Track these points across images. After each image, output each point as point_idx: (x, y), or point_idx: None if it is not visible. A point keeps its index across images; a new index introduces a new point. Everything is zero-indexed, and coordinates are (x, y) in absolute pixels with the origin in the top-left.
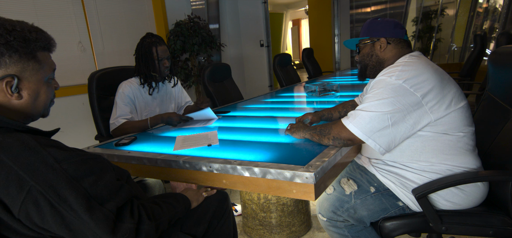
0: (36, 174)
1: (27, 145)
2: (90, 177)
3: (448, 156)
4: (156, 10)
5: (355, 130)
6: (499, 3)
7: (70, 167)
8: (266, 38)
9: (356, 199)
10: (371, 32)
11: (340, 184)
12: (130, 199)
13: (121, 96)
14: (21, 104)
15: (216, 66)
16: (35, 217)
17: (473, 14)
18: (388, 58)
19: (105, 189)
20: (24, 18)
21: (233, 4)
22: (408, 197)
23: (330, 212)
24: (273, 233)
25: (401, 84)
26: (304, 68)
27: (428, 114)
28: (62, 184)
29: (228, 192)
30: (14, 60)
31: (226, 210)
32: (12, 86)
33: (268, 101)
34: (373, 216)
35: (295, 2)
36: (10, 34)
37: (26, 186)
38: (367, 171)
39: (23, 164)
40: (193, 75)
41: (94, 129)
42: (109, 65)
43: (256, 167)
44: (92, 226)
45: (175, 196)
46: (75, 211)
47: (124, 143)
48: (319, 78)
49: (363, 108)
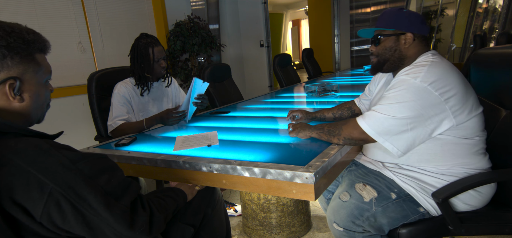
0: (55, 176)
1: (41, 148)
2: (104, 175)
3: (465, 159)
4: (156, 11)
5: (370, 131)
6: (499, 3)
7: (85, 166)
8: (266, 38)
9: (377, 206)
10: (397, 24)
11: (357, 190)
12: (139, 194)
13: (116, 97)
14: (22, 108)
15: (216, 67)
16: (57, 219)
17: (473, 14)
18: (410, 56)
19: (118, 186)
20: (24, 19)
21: (233, 4)
22: (429, 202)
23: (348, 221)
24: (273, 233)
25: (426, 87)
26: (304, 69)
27: (451, 119)
28: (80, 184)
29: (228, 192)
30: (15, 62)
31: (217, 200)
32: (15, 89)
33: (268, 101)
34: (393, 224)
35: (295, 2)
36: (10, 36)
37: (47, 189)
38: (384, 175)
39: (41, 168)
40: (193, 75)
41: (94, 129)
42: (109, 65)
43: (256, 167)
44: (111, 222)
45: (173, 190)
46: (94, 209)
47: (124, 143)
48: (319, 79)
49: (381, 110)
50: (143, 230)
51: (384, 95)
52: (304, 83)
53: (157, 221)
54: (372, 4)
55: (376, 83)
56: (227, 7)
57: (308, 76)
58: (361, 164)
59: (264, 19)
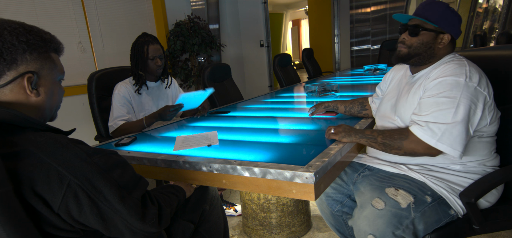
0: (73, 169)
1: (60, 142)
2: (117, 169)
3: (485, 157)
4: (156, 11)
5: (444, 147)
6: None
7: (100, 160)
8: (266, 38)
9: (416, 212)
10: (442, 22)
11: (390, 196)
12: (146, 189)
13: (117, 97)
14: (38, 102)
15: (216, 67)
16: (73, 210)
17: (473, 14)
18: (439, 56)
19: (130, 180)
20: (24, 19)
21: (233, 4)
22: (458, 203)
23: (388, 232)
24: (273, 233)
25: (475, 86)
26: (304, 69)
27: (486, 118)
28: (96, 176)
29: (228, 192)
30: (33, 58)
31: (214, 197)
32: (32, 83)
33: (268, 101)
34: (427, 229)
35: (295, 2)
36: (30, 33)
37: (66, 181)
38: (412, 178)
39: (60, 160)
40: (193, 75)
41: (94, 129)
42: (109, 65)
43: (256, 167)
44: (125, 214)
45: (173, 187)
46: (109, 202)
47: (124, 143)
48: (319, 79)
49: (441, 119)
50: (153, 222)
51: (430, 101)
52: (304, 83)
53: (165, 214)
54: (372, 4)
55: (387, 82)
56: (227, 7)
57: (308, 76)
58: (376, 168)
59: (264, 19)
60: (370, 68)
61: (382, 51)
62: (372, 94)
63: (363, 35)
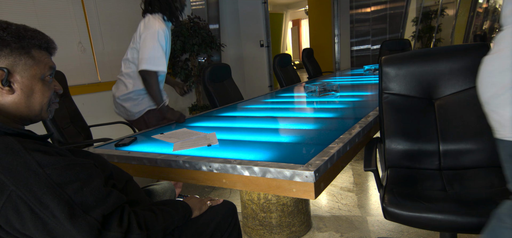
0: (17, 179)
1: (11, 148)
2: (75, 183)
3: None
4: None
5: None
6: (499, 3)
7: (54, 172)
8: (266, 38)
9: None
10: None
11: None
12: (121, 206)
13: (162, 40)
14: (14, 101)
15: (216, 67)
16: (15, 222)
17: (473, 14)
18: None
19: (91, 196)
20: (24, 19)
21: (233, 4)
22: None
23: None
24: (273, 233)
25: None
26: (304, 69)
27: None
28: (43, 190)
29: (228, 192)
30: (4, 54)
31: (231, 223)
32: (3, 79)
33: (268, 101)
34: None
35: (295, 2)
36: (4, 30)
37: (6, 191)
38: None
39: (5, 168)
40: (193, 75)
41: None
42: (109, 65)
43: (256, 166)
44: (74, 233)
45: (175, 203)
46: (57, 218)
47: (124, 143)
48: (319, 79)
49: None
50: None
51: None
52: (304, 83)
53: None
54: (372, 4)
55: None
56: (227, 7)
57: (308, 76)
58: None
59: (264, 19)
60: (370, 68)
61: (382, 51)
62: (372, 94)
63: (363, 35)
